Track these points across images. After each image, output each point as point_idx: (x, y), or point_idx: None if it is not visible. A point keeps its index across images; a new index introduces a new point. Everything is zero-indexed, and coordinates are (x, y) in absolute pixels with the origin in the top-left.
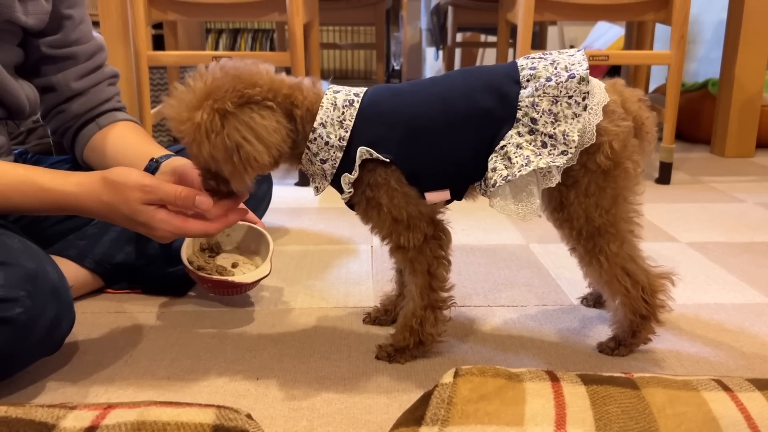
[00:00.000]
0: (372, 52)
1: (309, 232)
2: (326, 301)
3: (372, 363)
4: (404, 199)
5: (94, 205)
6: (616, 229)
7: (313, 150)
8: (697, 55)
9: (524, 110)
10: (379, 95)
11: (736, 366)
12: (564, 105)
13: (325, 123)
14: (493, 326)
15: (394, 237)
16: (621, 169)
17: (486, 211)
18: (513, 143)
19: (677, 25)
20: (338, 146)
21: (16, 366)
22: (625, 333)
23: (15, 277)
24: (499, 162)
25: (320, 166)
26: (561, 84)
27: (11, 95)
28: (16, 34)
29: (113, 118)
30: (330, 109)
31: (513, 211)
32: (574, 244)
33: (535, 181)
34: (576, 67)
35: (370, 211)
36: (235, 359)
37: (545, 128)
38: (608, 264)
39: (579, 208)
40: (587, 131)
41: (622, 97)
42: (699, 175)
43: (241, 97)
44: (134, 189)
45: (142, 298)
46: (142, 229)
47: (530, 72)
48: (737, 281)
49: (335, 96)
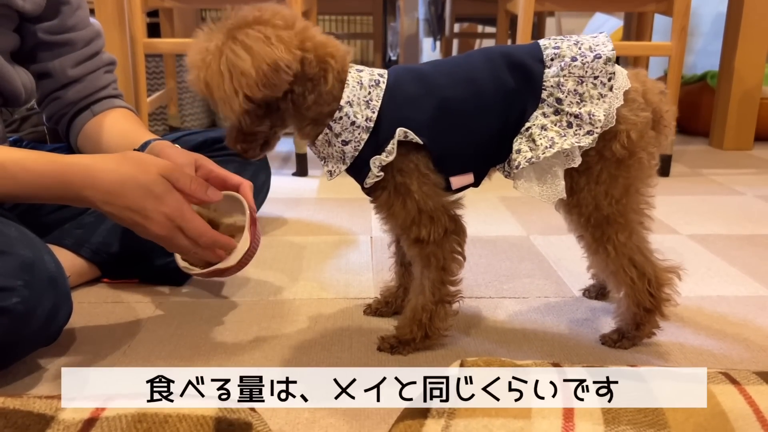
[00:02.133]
0: (369, 42)
1: (308, 223)
2: (326, 291)
3: (374, 354)
4: (433, 188)
5: (108, 177)
6: (626, 219)
7: (336, 130)
8: (695, 47)
9: (549, 90)
10: (403, 76)
11: (740, 359)
12: (590, 85)
13: (352, 102)
14: (496, 318)
15: (414, 229)
16: (635, 160)
17: (486, 202)
18: (538, 125)
19: (678, 17)
20: (365, 127)
21: (12, 356)
22: (629, 325)
23: (12, 266)
24: (523, 144)
25: (340, 147)
26: (587, 64)
27: (7, 82)
28: (12, 19)
29: (108, 105)
30: (356, 87)
31: (537, 192)
32: (581, 231)
33: (559, 162)
34: (601, 47)
35: (395, 199)
36: (235, 350)
37: (570, 108)
38: (615, 253)
39: (588, 195)
40: (610, 112)
41: (644, 87)
42: (698, 168)
43: (247, 19)
44: (155, 163)
45: (139, 288)
46: (152, 203)
47: (554, 51)
48: (739, 273)
49: (360, 75)
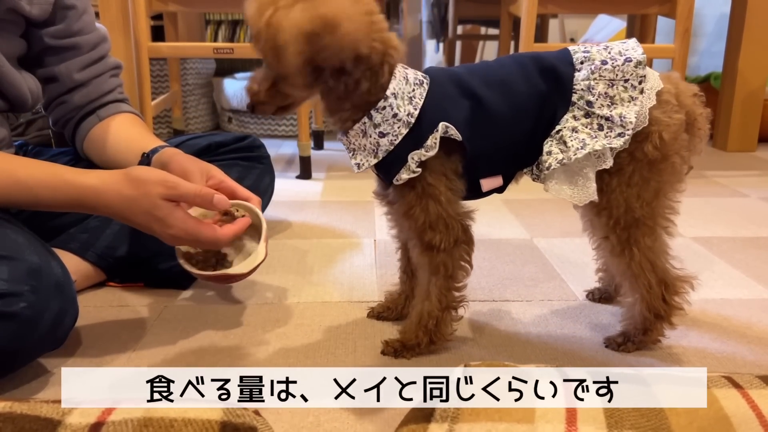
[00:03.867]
0: None
1: (312, 226)
2: (330, 295)
3: (378, 358)
4: (453, 195)
5: (115, 199)
6: (654, 222)
7: (376, 120)
8: (698, 48)
9: (579, 93)
10: (440, 78)
11: (744, 362)
12: (620, 88)
13: (397, 94)
14: (499, 321)
15: (429, 233)
16: (668, 163)
17: (490, 205)
18: (568, 127)
19: (681, 19)
20: (406, 122)
21: (19, 361)
22: (636, 330)
23: (19, 272)
24: (554, 146)
25: (375, 139)
26: (617, 68)
27: (14, 87)
28: (19, 25)
29: (114, 110)
30: (402, 82)
31: (568, 194)
32: (608, 233)
33: (590, 164)
34: (631, 51)
35: (420, 200)
36: (240, 354)
37: (601, 111)
38: (640, 257)
39: (620, 197)
40: (641, 114)
41: (677, 89)
42: (702, 169)
43: None
44: (156, 184)
45: (144, 292)
46: (158, 225)
47: (584, 55)
48: (743, 276)
49: (406, 71)
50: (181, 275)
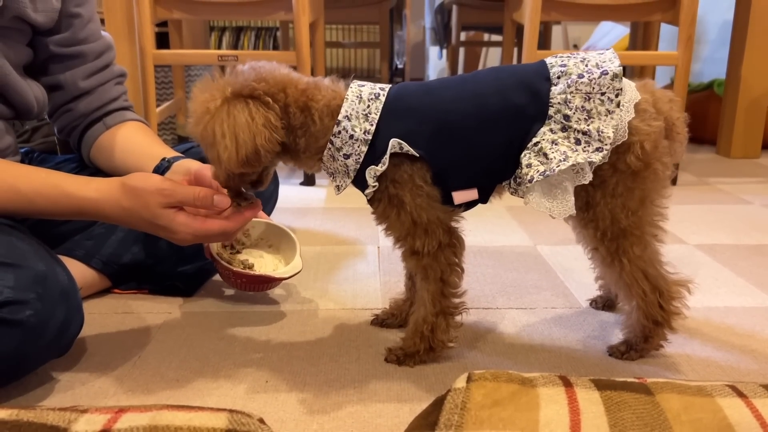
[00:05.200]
0: (375, 51)
1: (315, 233)
2: (334, 302)
3: (381, 366)
4: (427, 201)
5: (115, 210)
6: (641, 231)
7: (337, 144)
8: (701, 55)
9: (556, 107)
10: (407, 90)
11: (748, 370)
12: (597, 102)
13: (350, 116)
14: (502, 329)
15: (409, 240)
16: (650, 171)
17: (493, 212)
18: (547, 140)
19: (685, 26)
20: (363, 140)
21: (25, 368)
22: (637, 338)
23: (25, 279)
24: (533, 158)
25: (343, 161)
26: (594, 81)
27: (19, 95)
28: (25, 33)
29: (121, 118)
30: (355, 101)
31: (547, 207)
32: (596, 245)
33: (569, 178)
34: (608, 64)
35: (389, 210)
36: (244, 361)
37: (578, 125)
38: (630, 266)
39: (605, 209)
40: (620, 128)
41: (653, 96)
42: (705, 176)
43: (244, 87)
44: (154, 193)
45: (149, 299)
46: (163, 232)
47: (561, 69)
48: (746, 284)
49: (360, 89)
50: (187, 282)
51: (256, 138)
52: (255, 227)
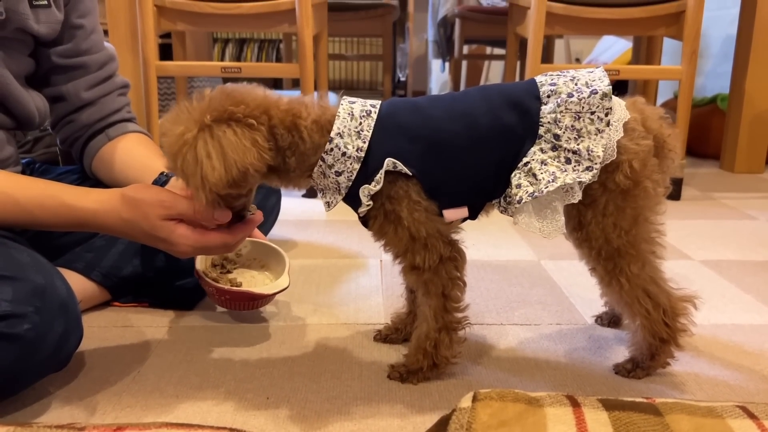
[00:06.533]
0: (378, 64)
1: (317, 246)
2: (336, 317)
3: (384, 383)
4: (425, 215)
5: (115, 222)
6: (637, 250)
7: (328, 161)
8: (704, 69)
9: (546, 126)
10: (398, 108)
11: (757, 390)
12: (587, 121)
13: (342, 133)
14: (507, 346)
15: (409, 256)
16: (640, 189)
17: (496, 225)
18: (537, 159)
19: (689, 41)
20: (356, 157)
21: (22, 383)
22: (644, 355)
23: (23, 292)
24: (523, 179)
25: (334, 179)
26: (583, 100)
27: (21, 106)
28: (27, 44)
29: (123, 129)
30: (347, 119)
31: (537, 228)
32: (593, 264)
33: (559, 198)
34: (597, 83)
35: (386, 226)
36: (245, 377)
37: (568, 144)
38: (629, 285)
39: (597, 228)
40: (609, 147)
41: (642, 115)
42: (709, 191)
43: (223, 113)
44: (153, 205)
45: (149, 312)
46: (163, 245)
47: (551, 88)
48: (754, 301)
49: (351, 106)
50: (187, 295)
51: (246, 155)
52: (244, 246)
